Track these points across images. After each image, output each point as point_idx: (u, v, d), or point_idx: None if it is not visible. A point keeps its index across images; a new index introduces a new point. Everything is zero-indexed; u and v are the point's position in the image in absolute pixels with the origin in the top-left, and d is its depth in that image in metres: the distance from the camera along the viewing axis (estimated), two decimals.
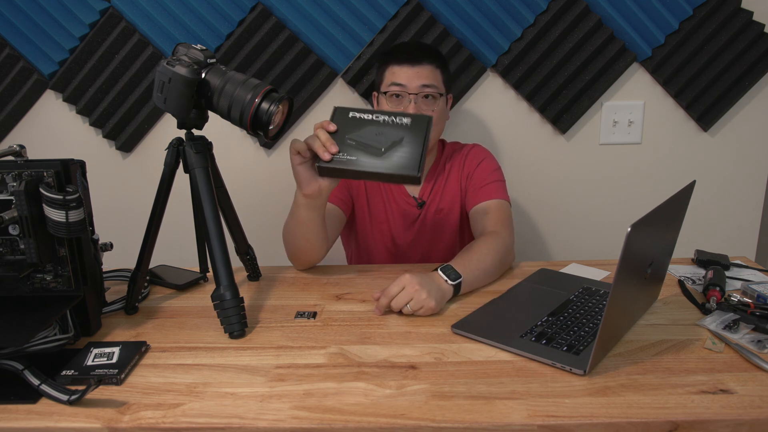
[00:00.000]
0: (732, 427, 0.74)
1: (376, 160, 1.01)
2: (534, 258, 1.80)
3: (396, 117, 1.04)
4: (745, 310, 1.00)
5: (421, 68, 1.31)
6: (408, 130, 1.04)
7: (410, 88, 1.30)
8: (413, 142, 1.03)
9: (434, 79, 1.32)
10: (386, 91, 1.32)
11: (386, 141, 1.03)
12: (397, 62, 1.32)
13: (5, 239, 0.92)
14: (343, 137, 1.03)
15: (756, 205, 1.75)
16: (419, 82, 1.30)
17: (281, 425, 0.75)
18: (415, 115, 1.05)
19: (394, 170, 1.01)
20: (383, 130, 1.03)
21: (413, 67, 1.30)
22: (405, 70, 1.31)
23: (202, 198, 1.00)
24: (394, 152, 1.02)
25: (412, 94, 1.29)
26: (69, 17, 1.58)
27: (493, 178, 1.37)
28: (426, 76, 1.30)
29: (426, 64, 1.31)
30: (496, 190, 1.35)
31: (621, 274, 0.79)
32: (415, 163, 1.01)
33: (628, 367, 0.85)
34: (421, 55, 1.32)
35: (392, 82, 1.31)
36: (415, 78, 1.30)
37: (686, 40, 1.59)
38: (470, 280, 1.10)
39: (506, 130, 1.69)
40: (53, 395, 0.79)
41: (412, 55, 1.31)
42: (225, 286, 0.97)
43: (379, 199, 1.41)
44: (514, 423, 0.74)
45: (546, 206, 1.76)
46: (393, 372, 0.85)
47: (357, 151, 1.02)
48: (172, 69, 0.94)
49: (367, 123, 1.04)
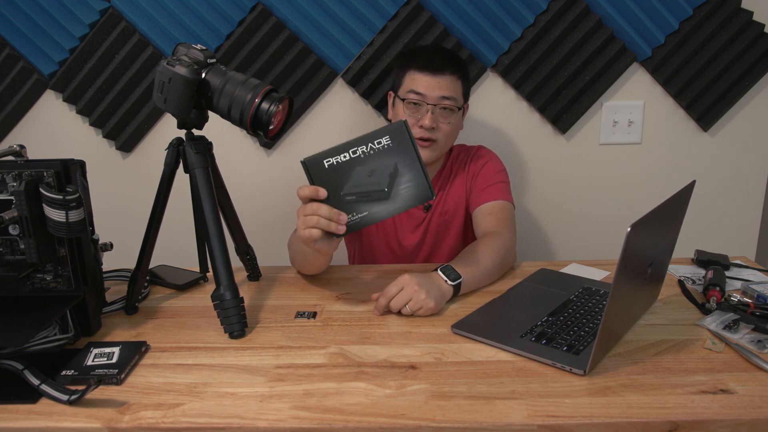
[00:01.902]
0: (732, 427, 0.74)
1: (387, 205, 0.96)
2: (534, 258, 1.80)
3: (373, 142, 0.95)
4: (745, 310, 1.00)
5: (443, 78, 1.27)
6: (394, 150, 0.96)
7: (429, 99, 1.27)
8: (407, 162, 0.96)
9: (454, 91, 1.29)
10: (404, 98, 1.29)
11: (383, 178, 0.96)
12: (418, 68, 1.28)
13: (5, 239, 0.92)
14: (338, 196, 0.95)
15: (756, 205, 1.75)
16: (439, 93, 1.27)
17: (281, 425, 0.75)
18: (389, 129, 0.97)
19: (410, 205, 0.97)
20: (371, 165, 0.95)
21: (434, 77, 1.27)
22: (426, 79, 1.27)
23: (202, 198, 1.00)
24: (399, 186, 0.96)
25: (431, 104, 1.27)
26: (69, 17, 1.58)
27: (497, 179, 1.36)
28: (446, 87, 1.27)
29: (447, 75, 1.27)
30: (499, 191, 1.34)
31: (621, 274, 0.79)
32: (424, 186, 0.97)
33: (628, 367, 0.85)
34: (443, 65, 1.28)
35: (411, 89, 1.28)
36: (436, 88, 1.27)
37: (686, 40, 1.59)
38: (470, 281, 1.10)
39: (506, 130, 1.69)
40: (53, 395, 0.79)
41: (435, 64, 1.27)
42: (225, 286, 0.97)
43: None
44: (514, 423, 0.74)
45: (546, 206, 1.76)
46: (393, 372, 0.85)
47: (363, 205, 0.95)
48: (172, 69, 0.94)
49: (350, 165, 0.95)
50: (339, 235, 0.96)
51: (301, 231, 0.96)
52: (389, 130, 0.96)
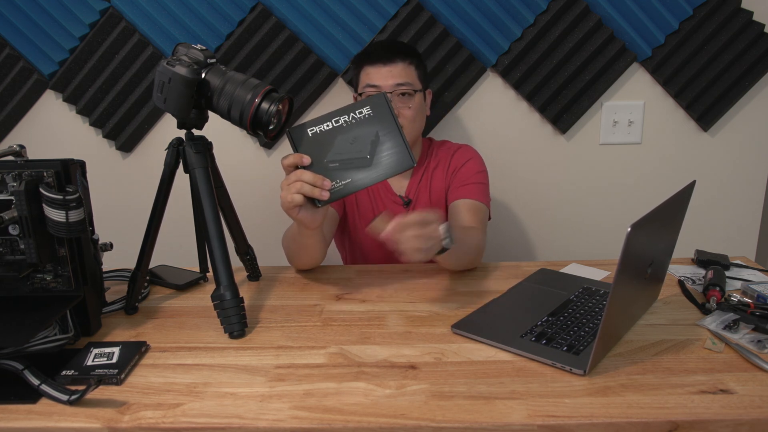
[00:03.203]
0: (732, 427, 0.74)
1: (369, 171, 0.98)
2: (534, 258, 1.80)
3: (354, 112, 0.99)
4: (745, 310, 1.00)
5: (394, 66, 1.31)
6: (374, 119, 1.00)
7: (384, 87, 1.30)
8: (388, 131, 0.99)
9: (408, 77, 1.32)
10: (362, 92, 1.33)
11: (365, 145, 0.98)
12: (370, 63, 1.33)
13: (5, 239, 0.92)
14: (322, 162, 0.97)
15: (756, 205, 1.75)
16: (393, 81, 1.30)
17: (281, 425, 0.75)
18: (369, 100, 1.00)
19: (391, 172, 0.99)
20: (353, 133, 0.98)
21: (386, 66, 1.31)
22: (378, 70, 1.31)
23: (202, 198, 1.00)
24: (380, 153, 0.99)
25: (387, 93, 1.29)
26: (69, 17, 1.58)
27: (477, 179, 1.38)
28: (399, 74, 1.31)
29: (398, 62, 1.32)
30: (478, 191, 1.35)
31: (621, 274, 0.79)
32: (405, 154, 0.99)
33: (628, 367, 0.85)
34: (392, 54, 1.32)
35: (367, 84, 1.32)
36: (388, 77, 1.31)
37: (686, 40, 1.59)
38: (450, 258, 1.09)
39: (506, 130, 1.69)
40: (53, 395, 0.79)
41: (384, 55, 1.32)
42: (225, 286, 0.97)
43: (366, 198, 1.42)
44: (514, 423, 0.74)
45: (546, 206, 1.76)
46: (393, 372, 0.85)
47: (346, 172, 0.97)
48: (172, 69, 0.94)
49: (333, 134, 0.98)
50: (322, 203, 0.96)
51: (283, 200, 0.97)
52: (370, 101, 1.00)
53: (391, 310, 1.06)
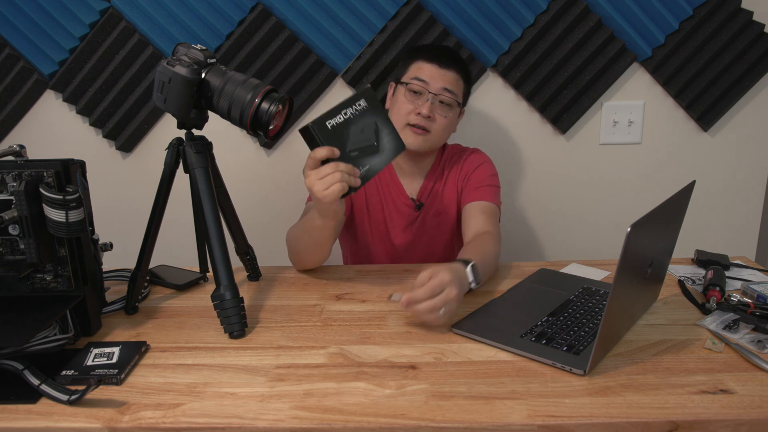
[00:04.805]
0: (732, 427, 0.74)
1: (379, 157, 1.04)
2: (534, 258, 1.80)
3: (353, 105, 1.03)
4: (745, 310, 1.00)
5: (448, 72, 1.31)
6: (371, 110, 1.05)
7: (432, 87, 1.29)
8: (382, 120, 1.06)
9: (456, 87, 1.32)
10: (407, 82, 1.31)
11: (371, 134, 1.04)
12: (426, 58, 1.32)
13: (5, 239, 0.92)
14: (345, 153, 0.99)
15: (756, 205, 1.75)
16: (442, 84, 1.30)
17: (281, 425, 0.75)
18: (361, 93, 1.05)
19: (392, 156, 1.07)
20: (359, 124, 1.03)
21: (440, 69, 1.30)
22: (431, 69, 1.30)
23: (202, 198, 1.00)
24: (382, 140, 1.05)
25: (432, 93, 1.29)
26: (69, 17, 1.58)
27: (490, 182, 1.38)
28: (450, 81, 1.31)
29: (453, 70, 1.31)
30: (491, 194, 1.36)
31: (621, 274, 0.79)
32: (397, 138, 1.08)
33: (628, 367, 0.85)
34: (451, 60, 1.32)
35: (416, 77, 1.30)
36: (440, 79, 1.30)
37: (686, 40, 1.59)
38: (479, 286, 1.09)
39: (506, 130, 1.69)
40: (53, 395, 0.79)
41: (443, 57, 1.32)
42: (225, 286, 0.97)
43: (377, 199, 1.41)
44: (514, 423, 0.74)
45: (546, 206, 1.76)
46: (393, 372, 0.85)
47: (364, 159, 1.02)
48: (172, 69, 0.94)
49: (346, 125, 1.01)
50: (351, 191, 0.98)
51: (322, 192, 0.97)
52: (362, 94, 1.05)
53: (391, 310, 1.06)
